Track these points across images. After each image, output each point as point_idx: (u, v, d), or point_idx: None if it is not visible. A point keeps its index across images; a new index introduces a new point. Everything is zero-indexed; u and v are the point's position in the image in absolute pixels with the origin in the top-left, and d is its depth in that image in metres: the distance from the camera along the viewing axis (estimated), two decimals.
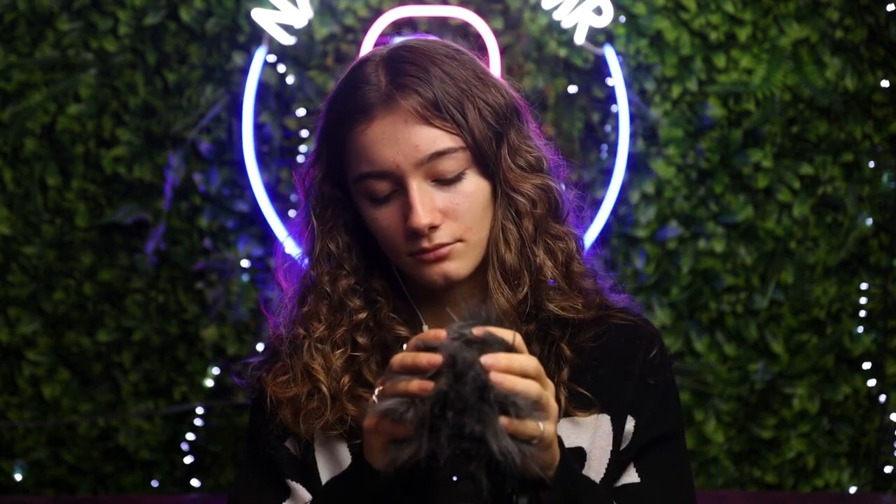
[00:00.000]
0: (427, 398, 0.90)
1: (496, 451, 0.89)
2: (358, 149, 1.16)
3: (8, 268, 2.93)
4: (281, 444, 1.21)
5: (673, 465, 1.20)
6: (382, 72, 1.17)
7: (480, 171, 1.17)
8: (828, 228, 3.03)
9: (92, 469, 2.97)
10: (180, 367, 2.96)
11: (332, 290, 1.21)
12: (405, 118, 1.14)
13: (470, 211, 1.16)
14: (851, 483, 3.05)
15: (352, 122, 1.17)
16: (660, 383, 1.21)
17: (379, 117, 1.15)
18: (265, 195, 2.85)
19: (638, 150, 2.94)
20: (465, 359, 0.90)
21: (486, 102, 1.18)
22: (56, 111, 2.92)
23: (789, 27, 2.98)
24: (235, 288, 2.92)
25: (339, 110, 1.20)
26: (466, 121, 1.16)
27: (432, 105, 1.14)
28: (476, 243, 1.17)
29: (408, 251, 1.16)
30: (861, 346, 3.04)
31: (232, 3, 2.89)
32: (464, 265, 1.16)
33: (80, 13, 2.90)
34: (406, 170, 1.13)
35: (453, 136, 1.15)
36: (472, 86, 1.18)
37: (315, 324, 1.21)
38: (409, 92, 1.14)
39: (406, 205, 1.14)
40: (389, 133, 1.14)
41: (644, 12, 2.93)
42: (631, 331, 1.22)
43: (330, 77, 2.90)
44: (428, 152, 1.13)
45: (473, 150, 1.16)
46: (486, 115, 1.17)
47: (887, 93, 3.01)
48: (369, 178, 1.15)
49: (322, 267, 1.23)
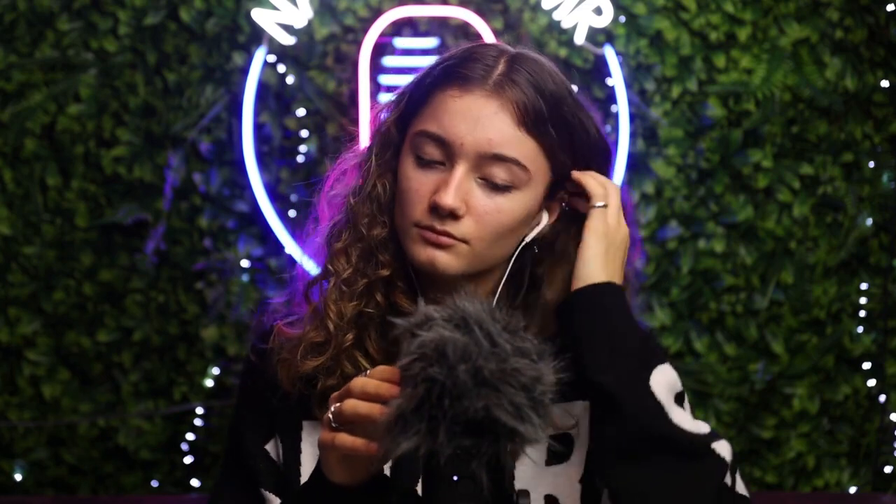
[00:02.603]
0: (419, 389, 0.88)
1: (509, 417, 0.87)
2: (438, 108, 1.14)
3: (8, 268, 2.93)
4: (261, 447, 1.19)
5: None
6: (504, 61, 1.15)
7: (529, 198, 1.14)
8: (828, 228, 3.03)
9: (92, 469, 2.97)
10: (180, 367, 2.96)
11: (368, 234, 1.19)
12: (497, 109, 1.12)
13: (493, 225, 1.13)
14: (851, 483, 3.05)
15: (448, 84, 1.14)
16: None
17: (476, 94, 1.12)
18: (265, 195, 2.85)
19: (638, 150, 2.95)
20: (456, 344, 0.89)
21: (588, 136, 1.17)
22: (56, 111, 2.92)
23: (789, 27, 2.98)
24: (235, 288, 2.92)
25: (445, 70, 1.16)
26: (563, 143, 1.14)
27: (534, 114, 1.12)
28: (479, 254, 1.15)
29: (417, 221, 1.13)
30: (861, 346, 3.04)
31: (232, 3, 2.89)
32: (457, 265, 1.14)
33: (80, 13, 2.90)
34: (466, 151, 1.11)
35: (533, 153, 1.13)
36: (581, 119, 1.16)
37: (343, 263, 1.19)
38: (518, 89, 1.12)
39: (443, 181, 1.12)
40: (475, 112, 1.12)
41: (644, 12, 2.93)
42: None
43: (330, 77, 2.90)
44: (494, 151, 1.11)
45: (552, 172, 1.15)
46: (578, 149, 1.16)
47: (887, 93, 3.01)
48: (429, 138, 1.13)
49: (365, 206, 1.20)
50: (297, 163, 2.91)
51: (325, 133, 2.92)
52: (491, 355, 0.88)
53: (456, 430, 0.87)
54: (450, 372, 0.87)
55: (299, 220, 2.90)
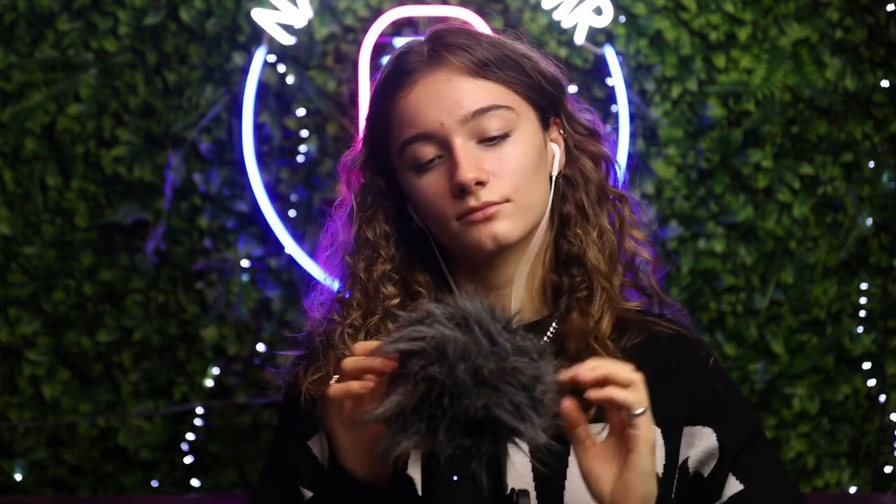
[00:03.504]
0: (419, 388, 0.88)
1: (509, 416, 0.86)
2: (400, 115, 1.13)
3: (8, 268, 2.93)
4: (304, 443, 1.17)
5: (771, 464, 1.14)
6: (426, 42, 1.15)
7: (529, 133, 1.14)
8: (828, 228, 3.03)
9: (92, 469, 2.97)
10: (180, 367, 2.96)
11: (367, 278, 1.18)
12: (449, 75, 1.11)
13: (517, 172, 1.12)
14: (851, 483, 3.05)
15: (396, 91, 1.14)
16: (728, 387, 1.16)
17: (422, 78, 1.12)
18: (265, 195, 2.85)
19: (638, 150, 2.95)
20: (456, 343, 0.88)
21: (537, 68, 1.16)
22: (56, 111, 2.92)
23: (789, 27, 2.98)
24: (235, 288, 2.92)
25: (383, 86, 1.16)
26: (521, 77, 1.13)
27: (481, 62, 1.12)
28: (526, 205, 1.13)
29: (455, 214, 1.11)
30: (861, 346, 3.04)
31: (232, 3, 2.89)
32: (514, 227, 1.12)
33: (80, 13, 2.90)
34: (450, 128, 1.10)
35: (503, 93, 1.12)
36: (522, 54, 1.16)
37: (350, 311, 1.17)
38: (455, 50, 1.12)
39: (451, 165, 1.11)
40: (433, 92, 1.11)
41: (644, 12, 2.93)
42: (679, 342, 1.18)
43: (330, 77, 2.90)
44: (472, 108, 1.10)
45: (531, 105, 1.14)
46: (540, 79, 1.15)
47: (887, 93, 3.01)
48: (413, 143, 1.12)
49: (359, 254, 1.19)
50: (297, 163, 2.91)
51: (325, 133, 2.92)
52: (491, 354, 0.88)
53: (456, 430, 0.87)
54: (450, 371, 0.87)
55: (299, 220, 2.90)
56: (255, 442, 2.96)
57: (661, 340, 1.17)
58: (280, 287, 2.92)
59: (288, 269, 2.90)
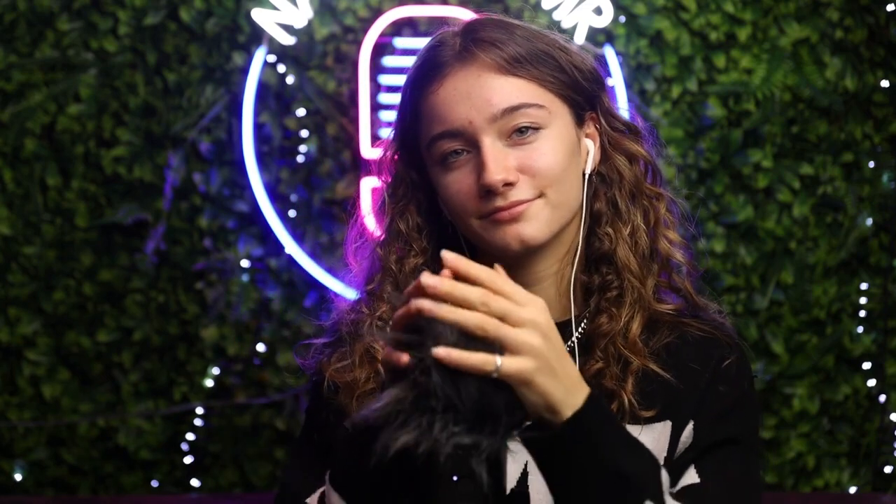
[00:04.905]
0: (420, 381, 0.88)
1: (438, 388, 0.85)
2: (430, 111, 1.12)
3: (8, 268, 2.93)
4: (338, 425, 1.14)
5: (737, 470, 1.11)
6: (459, 35, 1.14)
7: (561, 130, 1.13)
8: (828, 228, 3.03)
9: (92, 469, 2.97)
10: (180, 367, 2.96)
11: (399, 270, 1.17)
12: (479, 72, 1.10)
13: (547, 170, 1.10)
14: (851, 483, 3.05)
15: (426, 84, 1.13)
16: (732, 392, 1.13)
17: (452, 74, 1.11)
18: (265, 195, 2.85)
19: None
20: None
21: (573, 62, 1.15)
22: (56, 111, 2.92)
23: (789, 27, 2.98)
24: (235, 288, 2.92)
25: (413, 79, 1.15)
26: (555, 73, 1.12)
27: (512, 58, 1.11)
28: (557, 203, 1.11)
29: (479, 213, 1.10)
30: (861, 346, 3.04)
31: (232, 3, 2.89)
32: (542, 227, 1.11)
33: (80, 13, 2.90)
34: (479, 126, 1.09)
35: (534, 90, 1.11)
36: (559, 48, 1.15)
37: (379, 303, 1.16)
38: (486, 46, 1.11)
39: (479, 164, 1.09)
40: (462, 89, 1.10)
41: (644, 12, 2.93)
42: (707, 343, 1.16)
43: (330, 77, 2.90)
44: (502, 106, 1.09)
45: (564, 101, 1.12)
46: (575, 73, 1.14)
47: (887, 93, 3.01)
48: (441, 139, 1.11)
49: (391, 246, 1.18)
50: (297, 163, 2.91)
51: (325, 133, 2.92)
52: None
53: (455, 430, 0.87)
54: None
55: (299, 220, 2.90)
56: (254, 442, 2.96)
57: (688, 341, 1.16)
58: (280, 287, 2.92)
59: (288, 270, 2.90)
